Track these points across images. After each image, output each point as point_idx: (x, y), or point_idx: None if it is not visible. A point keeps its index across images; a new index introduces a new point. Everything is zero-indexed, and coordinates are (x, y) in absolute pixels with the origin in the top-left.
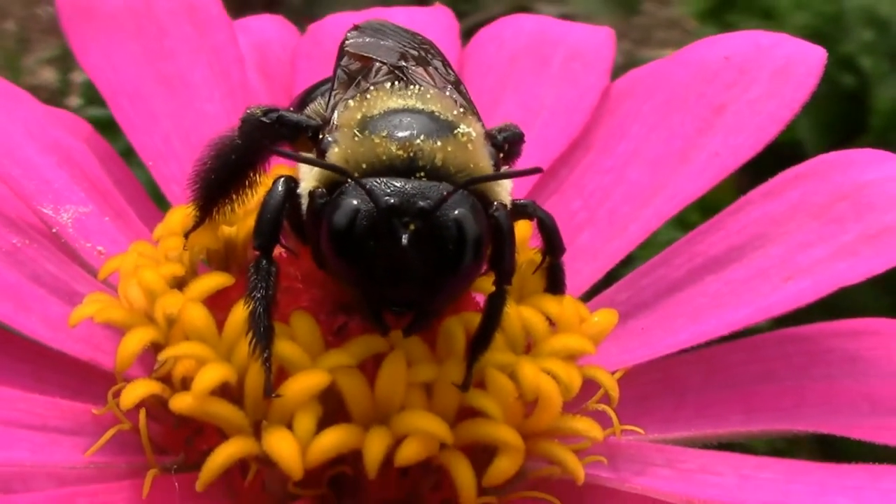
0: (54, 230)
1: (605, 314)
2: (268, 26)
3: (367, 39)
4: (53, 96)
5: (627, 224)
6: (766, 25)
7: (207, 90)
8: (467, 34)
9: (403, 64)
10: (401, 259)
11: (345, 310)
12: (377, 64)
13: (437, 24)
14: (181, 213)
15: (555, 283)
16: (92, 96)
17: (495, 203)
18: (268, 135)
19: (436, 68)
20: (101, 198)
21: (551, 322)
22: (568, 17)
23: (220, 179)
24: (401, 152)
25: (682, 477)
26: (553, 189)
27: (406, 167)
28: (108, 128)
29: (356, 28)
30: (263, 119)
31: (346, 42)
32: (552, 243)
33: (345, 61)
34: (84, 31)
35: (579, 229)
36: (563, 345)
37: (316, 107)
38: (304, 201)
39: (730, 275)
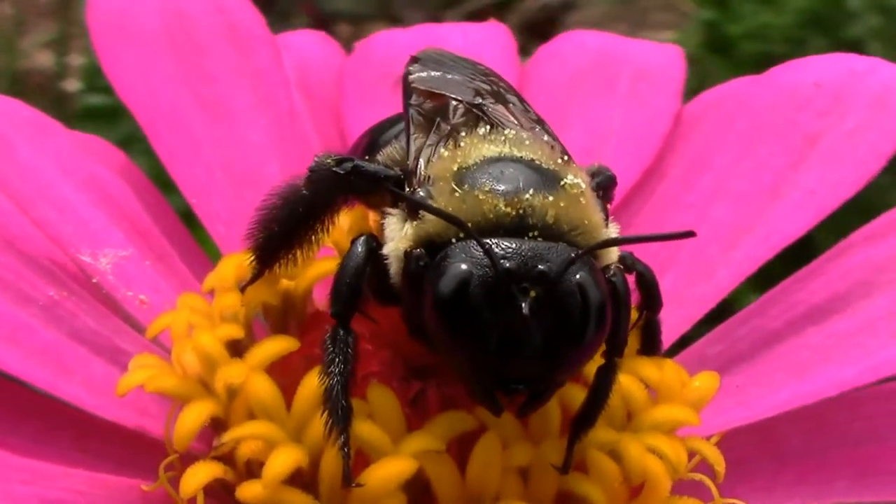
0: (95, 280)
1: (706, 379)
2: (309, 43)
3: (433, 73)
4: (50, 80)
5: (715, 267)
6: (766, 10)
7: (251, 117)
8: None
9: (480, 101)
10: (521, 330)
11: (418, 374)
12: (453, 102)
13: (494, 44)
14: (234, 263)
15: (651, 342)
16: (92, 83)
17: (612, 266)
18: (341, 187)
19: (514, 105)
20: (142, 239)
21: (648, 387)
22: (568, 2)
23: (285, 232)
24: (510, 209)
25: None
26: (626, 223)
27: (516, 227)
28: (112, 117)
29: (416, 61)
30: (337, 170)
31: (411, 77)
32: (651, 299)
33: (415, 100)
34: (118, 52)
35: (661, 271)
36: (667, 417)
37: (390, 153)
38: (392, 264)
39: (833, 326)
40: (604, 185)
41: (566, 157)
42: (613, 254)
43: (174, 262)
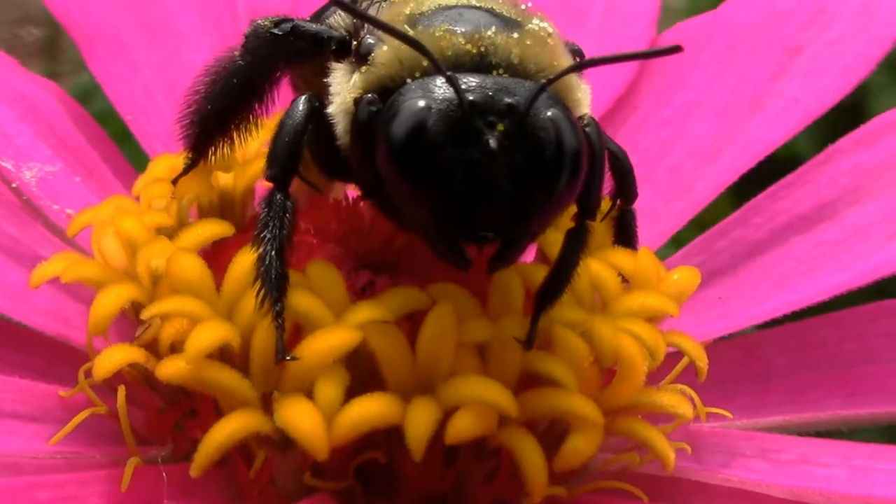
0: (14, 185)
1: (685, 272)
2: None
3: None
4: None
5: (693, 182)
6: None
7: (195, 39)
8: None
9: None
10: (488, 168)
11: (370, 268)
12: None
13: None
14: (168, 162)
15: (626, 234)
16: None
17: (586, 116)
18: (280, 51)
19: None
20: (72, 155)
21: (623, 280)
22: None
23: (220, 110)
24: (469, 46)
25: (779, 469)
26: None
27: (477, 64)
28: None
29: None
30: (275, 31)
31: None
32: (625, 185)
33: None
34: None
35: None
36: (642, 304)
37: (334, 21)
38: (340, 122)
39: (820, 235)
40: (575, 53)
41: (528, 6)
42: (586, 109)
43: (106, 177)
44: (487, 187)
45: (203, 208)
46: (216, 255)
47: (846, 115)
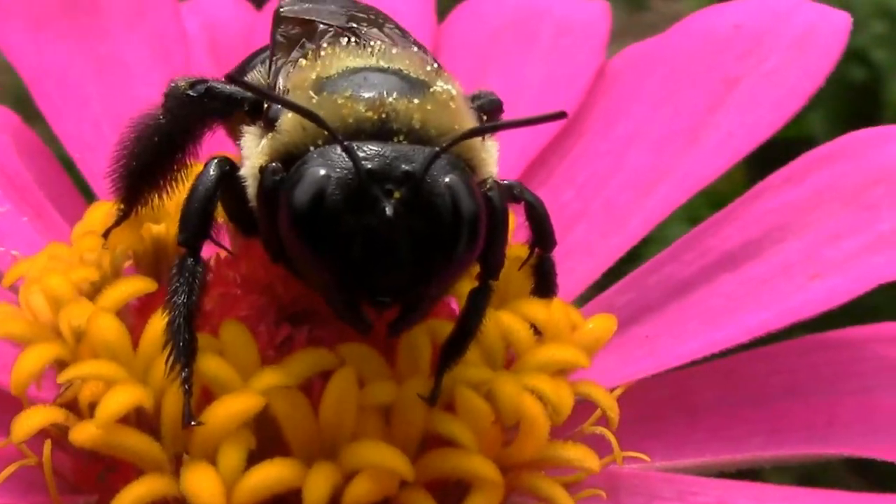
0: None
1: (601, 320)
2: (220, 5)
3: (305, 5)
4: None
5: (628, 216)
6: None
7: (145, 73)
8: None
9: (354, 26)
10: (385, 234)
11: (291, 320)
12: (321, 26)
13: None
14: (104, 210)
15: (544, 283)
16: None
17: (488, 179)
18: (196, 111)
19: (391, 30)
20: (20, 196)
21: (537, 331)
22: None
23: (144, 165)
24: (370, 113)
25: None
26: (542, 180)
27: (378, 131)
28: None
29: None
30: (190, 93)
31: (282, 8)
32: (542, 234)
33: (282, 28)
34: (8, 6)
35: (572, 223)
36: (551, 357)
37: (254, 77)
38: (250, 185)
39: (747, 272)
40: (486, 109)
41: (438, 68)
42: (492, 169)
43: (53, 218)
44: (384, 254)
45: (139, 257)
46: (151, 307)
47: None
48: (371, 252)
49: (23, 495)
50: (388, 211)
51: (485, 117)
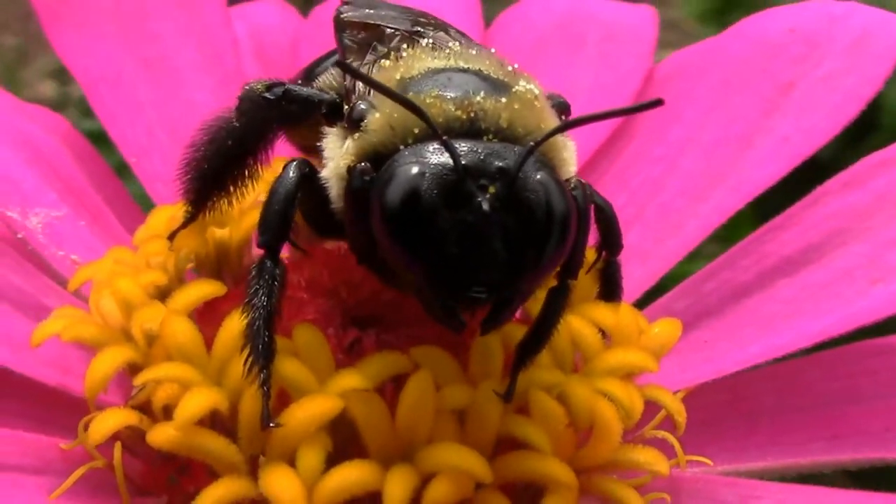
0: (20, 236)
1: (666, 325)
2: (267, 11)
3: (367, 11)
4: (52, 109)
5: (683, 221)
6: None
7: (197, 77)
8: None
9: (420, 30)
10: (481, 229)
11: (358, 324)
12: (388, 30)
13: (457, 3)
14: (166, 215)
15: (611, 287)
16: (85, 108)
17: (573, 178)
18: (272, 114)
19: (456, 33)
20: (77, 200)
21: (604, 335)
22: None
23: (215, 169)
24: (460, 112)
25: None
26: (593, 184)
27: (468, 130)
28: (101, 141)
29: (346, 2)
30: (267, 95)
31: (342, 15)
32: (610, 237)
33: (348, 33)
34: (58, 11)
35: (625, 228)
36: (621, 361)
37: (325, 80)
38: (333, 187)
39: (806, 278)
40: (558, 111)
41: (517, 68)
42: (571, 168)
43: (110, 222)
44: (480, 248)
45: (201, 261)
46: (212, 311)
47: None
48: (467, 247)
49: (90, 498)
50: (485, 206)
51: (563, 117)
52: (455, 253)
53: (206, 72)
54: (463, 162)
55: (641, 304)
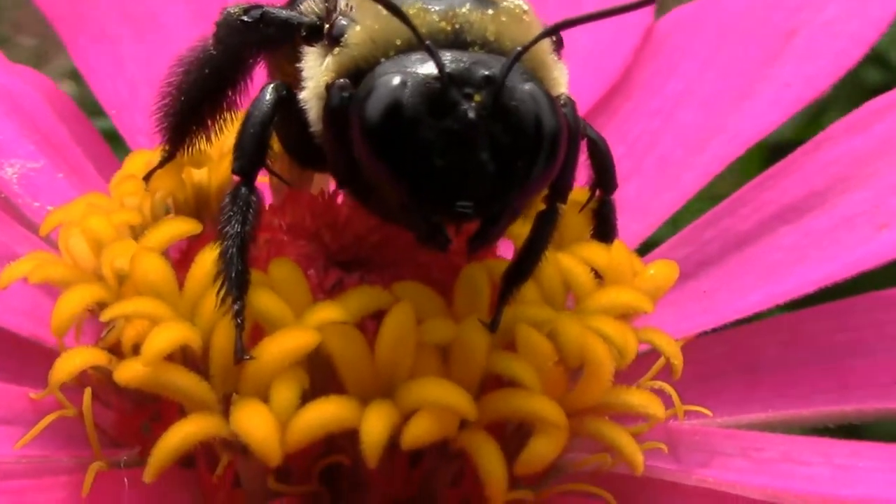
0: None
1: (663, 266)
2: None
3: None
4: None
5: (680, 172)
6: None
7: (183, 32)
8: None
9: None
10: (467, 139)
11: (341, 266)
12: None
13: None
14: (144, 158)
15: (604, 227)
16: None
17: (562, 94)
18: (250, 38)
19: None
20: (56, 152)
21: (597, 275)
22: None
23: (192, 102)
24: (444, 24)
25: (760, 468)
26: None
27: (452, 42)
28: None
29: None
30: (244, 18)
31: None
32: (604, 174)
33: None
34: None
35: (624, 180)
36: (613, 300)
37: (308, 6)
38: (312, 108)
39: (809, 224)
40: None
41: None
42: (563, 90)
43: (90, 174)
44: (467, 159)
45: (179, 205)
46: (191, 258)
47: None
48: (453, 157)
49: (61, 448)
50: (471, 114)
51: (555, 39)
52: (440, 165)
53: (193, 27)
54: (447, 70)
55: (639, 254)
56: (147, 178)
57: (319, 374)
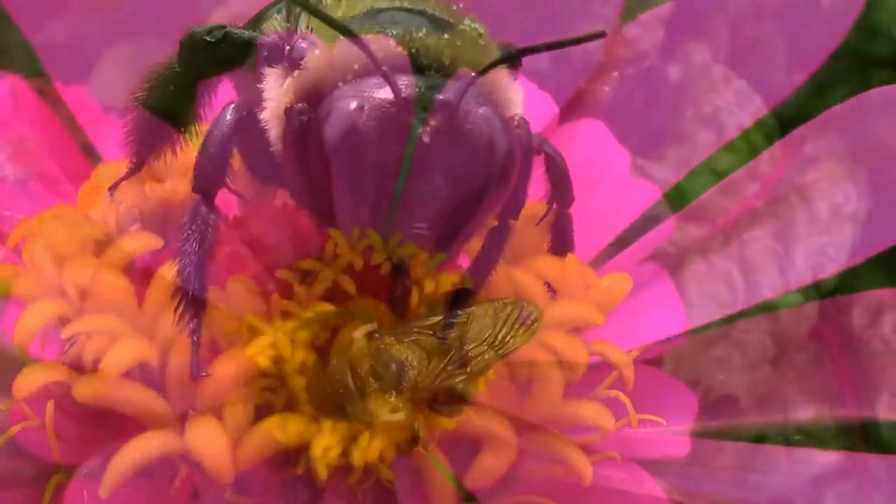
0: None
1: (616, 279)
2: None
3: None
4: None
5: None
6: None
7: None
8: None
9: None
10: (422, 160)
11: (301, 279)
12: None
13: None
14: (113, 169)
15: (561, 241)
16: None
17: (516, 116)
18: (213, 58)
19: None
20: (28, 160)
21: (551, 288)
22: None
23: (158, 117)
24: (401, 49)
25: (714, 476)
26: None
27: (408, 67)
28: None
29: None
30: (207, 38)
31: None
32: (560, 189)
33: None
34: None
35: None
36: (564, 314)
37: (271, 26)
38: (273, 128)
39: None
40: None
41: (462, 8)
42: (517, 110)
43: (62, 184)
44: (421, 181)
45: (145, 218)
46: (152, 272)
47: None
48: (408, 181)
49: (26, 459)
50: (425, 138)
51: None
52: (396, 188)
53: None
54: (403, 94)
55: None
56: (112, 189)
57: (275, 388)
